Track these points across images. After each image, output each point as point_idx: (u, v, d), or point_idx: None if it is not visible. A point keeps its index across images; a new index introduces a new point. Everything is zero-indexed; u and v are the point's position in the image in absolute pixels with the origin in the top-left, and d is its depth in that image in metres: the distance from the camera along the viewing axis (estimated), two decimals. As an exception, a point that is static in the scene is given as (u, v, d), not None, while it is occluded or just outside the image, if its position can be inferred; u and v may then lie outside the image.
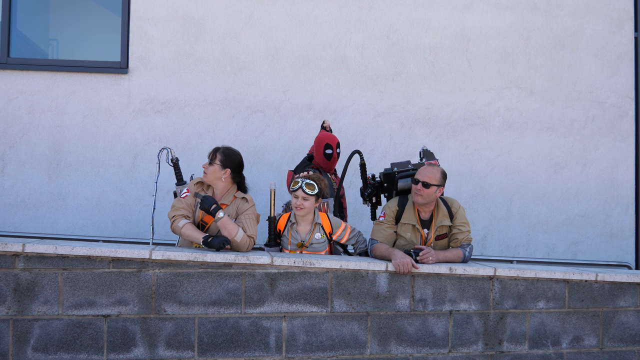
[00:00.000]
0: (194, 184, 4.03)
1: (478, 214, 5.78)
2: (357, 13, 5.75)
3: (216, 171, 3.94)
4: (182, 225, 3.82)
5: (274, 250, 4.12)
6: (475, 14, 5.86)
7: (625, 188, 5.97)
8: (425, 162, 4.32)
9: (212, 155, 3.98)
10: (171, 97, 5.57)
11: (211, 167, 3.94)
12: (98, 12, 5.89)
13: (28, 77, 5.48)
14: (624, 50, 5.97)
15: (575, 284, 3.99)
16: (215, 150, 4.00)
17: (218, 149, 4.00)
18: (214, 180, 3.96)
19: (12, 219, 5.43)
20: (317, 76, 5.70)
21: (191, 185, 4.05)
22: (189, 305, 3.59)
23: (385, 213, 4.10)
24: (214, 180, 3.96)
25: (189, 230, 3.81)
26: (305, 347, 3.69)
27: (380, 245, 3.98)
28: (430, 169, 3.99)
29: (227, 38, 5.64)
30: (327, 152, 4.65)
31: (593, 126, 5.95)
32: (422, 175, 3.95)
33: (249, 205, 3.93)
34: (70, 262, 3.51)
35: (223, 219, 3.75)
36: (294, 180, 4.04)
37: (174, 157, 4.52)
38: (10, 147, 5.46)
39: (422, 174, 3.95)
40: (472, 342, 3.86)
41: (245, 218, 3.88)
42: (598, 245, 5.93)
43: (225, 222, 3.76)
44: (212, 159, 3.96)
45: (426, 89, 5.80)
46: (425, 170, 3.98)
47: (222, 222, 3.75)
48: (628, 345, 4.06)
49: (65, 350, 3.49)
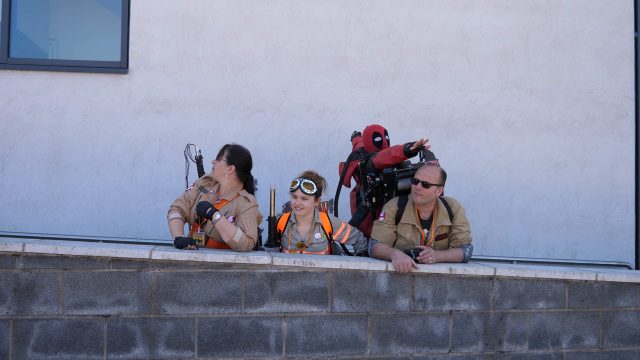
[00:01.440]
0: (202, 179, 4.12)
1: (478, 214, 5.78)
2: (357, 13, 5.75)
3: (222, 167, 4.01)
4: (170, 218, 3.97)
5: (274, 250, 4.12)
6: (475, 14, 5.86)
7: (625, 188, 5.97)
8: (425, 162, 4.32)
9: (221, 151, 4.06)
10: (171, 97, 5.57)
11: (218, 163, 4.03)
12: (98, 12, 5.89)
13: (28, 77, 5.48)
14: (624, 50, 5.97)
15: (575, 284, 3.99)
16: (224, 147, 4.09)
17: (227, 145, 4.09)
18: (219, 176, 4.03)
19: (12, 219, 5.43)
20: (317, 76, 5.70)
21: (199, 180, 4.14)
22: (189, 305, 3.59)
23: (385, 213, 4.10)
24: (219, 176, 4.04)
25: (172, 225, 3.94)
26: (305, 347, 3.69)
27: (380, 245, 3.98)
28: (430, 169, 3.99)
29: (227, 38, 5.64)
30: (377, 140, 4.79)
31: (593, 126, 5.95)
32: (422, 175, 3.95)
33: (250, 205, 3.94)
34: (70, 262, 3.51)
35: (220, 221, 3.77)
36: (292, 181, 4.05)
37: (197, 155, 4.63)
38: (10, 147, 5.46)
39: (422, 174, 3.95)
40: (472, 342, 3.86)
41: (245, 218, 3.88)
42: (598, 245, 5.93)
43: (222, 224, 3.77)
44: (219, 154, 4.05)
45: (426, 89, 5.80)
46: (424, 170, 3.98)
47: (220, 224, 3.78)
48: (628, 345, 4.06)
49: (65, 350, 3.49)
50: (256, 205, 3.98)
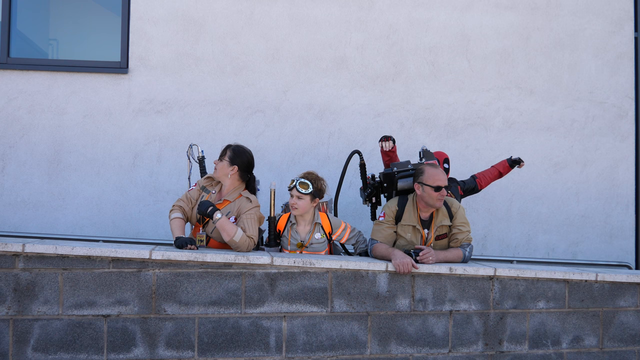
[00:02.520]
0: (204, 179, 4.13)
1: (478, 214, 5.79)
2: (357, 13, 5.75)
3: (224, 167, 4.02)
4: (172, 218, 3.96)
5: (274, 250, 4.12)
6: (475, 14, 5.86)
7: (625, 188, 5.97)
8: (425, 162, 4.32)
9: (223, 151, 4.07)
10: (171, 97, 5.57)
11: (220, 163, 4.04)
12: (98, 12, 5.89)
13: (28, 77, 5.48)
14: (624, 50, 5.97)
15: (575, 284, 3.99)
16: (227, 147, 4.09)
17: (230, 146, 4.10)
18: (222, 176, 4.04)
19: (12, 219, 5.43)
20: (317, 76, 5.70)
21: (201, 180, 4.15)
22: (189, 305, 3.59)
23: (385, 213, 4.10)
24: (222, 177, 4.05)
25: (172, 225, 3.93)
26: (305, 347, 3.69)
27: (380, 245, 3.98)
28: (442, 172, 4.01)
29: (227, 38, 5.64)
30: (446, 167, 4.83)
31: (593, 126, 5.95)
32: (444, 180, 3.95)
33: (252, 206, 3.94)
34: (70, 262, 3.51)
35: (221, 220, 3.78)
36: (291, 179, 4.08)
37: (200, 155, 4.62)
38: (10, 147, 5.46)
39: (444, 179, 3.95)
40: (472, 342, 3.86)
41: (246, 218, 3.89)
42: (598, 245, 5.93)
43: (223, 224, 3.78)
44: (222, 155, 4.06)
45: (426, 89, 5.80)
46: (443, 174, 3.98)
47: (220, 223, 3.78)
48: (628, 345, 4.06)
49: (65, 350, 3.49)
50: (258, 206, 3.98)
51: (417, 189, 4.01)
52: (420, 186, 3.98)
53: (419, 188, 3.99)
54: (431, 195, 3.95)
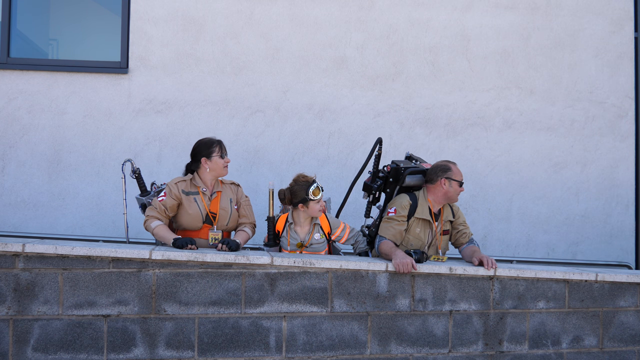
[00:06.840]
0: (177, 183, 4.04)
1: (478, 214, 5.79)
2: (357, 13, 5.75)
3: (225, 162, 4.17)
4: (154, 226, 3.90)
5: (274, 250, 4.12)
6: (475, 14, 5.86)
7: (625, 188, 5.97)
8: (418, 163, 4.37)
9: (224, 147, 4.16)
10: (171, 97, 5.57)
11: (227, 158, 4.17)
12: (98, 12, 5.89)
13: (28, 77, 5.48)
14: (624, 50, 5.97)
15: (575, 284, 4.00)
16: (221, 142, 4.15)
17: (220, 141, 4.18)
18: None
19: (12, 219, 5.43)
20: (317, 76, 5.70)
21: (172, 184, 4.03)
22: (189, 305, 3.59)
23: (395, 209, 4.08)
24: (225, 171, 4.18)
25: (161, 232, 3.88)
26: (305, 347, 3.69)
27: (387, 243, 3.98)
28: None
29: (227, 38, 5.64)
30: None
31: (593, 126, 5.95)
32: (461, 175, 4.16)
33: (242, 191, 4.18)
34: (70, 262, 3.51)
35: (243, 240, 3.98)
36: (316, 188, 3.98)
37: (136, 169, 4.35)
38: (10, 147, 5.46)
39: (460, 174, 4.16)
40: (472, 342, 3.86)
41: (245, 205, 4.13)
42: (598, 245, 5.93)
43: (244, 240, 4.00)
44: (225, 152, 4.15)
45: (426, 89, 5.80)
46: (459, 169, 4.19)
47: (243, 243, 3.98)
48: (628, 345, 4.06)
49: (65, 350, 3.49)
50: (241, 187, 4.22)
51: (443, 185, 4.10)
52: (448, 181, 4.09)
53: (446, 183, 4.09)
54: (457, 190, 4.12)
